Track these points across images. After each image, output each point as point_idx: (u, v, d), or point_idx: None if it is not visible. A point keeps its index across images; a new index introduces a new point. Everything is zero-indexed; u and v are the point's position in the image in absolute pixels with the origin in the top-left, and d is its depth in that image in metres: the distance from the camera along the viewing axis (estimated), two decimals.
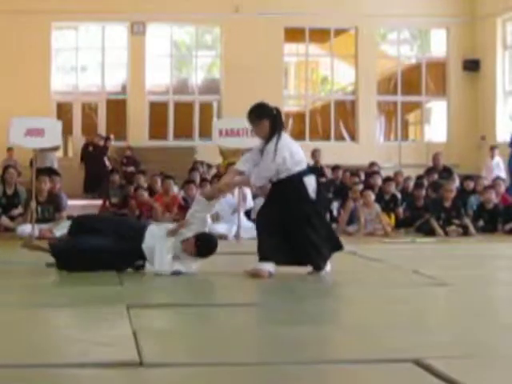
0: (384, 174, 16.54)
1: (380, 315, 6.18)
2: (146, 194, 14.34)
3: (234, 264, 8.23)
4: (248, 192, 13.20)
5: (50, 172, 15.20)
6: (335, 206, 14.41)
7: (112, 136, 22.38)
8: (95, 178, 20.82)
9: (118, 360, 4.62)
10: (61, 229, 12.24)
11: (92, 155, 21.81)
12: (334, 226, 13.59)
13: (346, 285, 7.77)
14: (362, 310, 6.45)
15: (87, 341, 5.12)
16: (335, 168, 16.83)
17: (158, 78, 24.11)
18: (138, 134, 21.99)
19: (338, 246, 8.24)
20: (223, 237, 12.26)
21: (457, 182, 15.27)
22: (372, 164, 17.28)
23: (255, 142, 13.47)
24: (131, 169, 20.65)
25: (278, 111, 8.14)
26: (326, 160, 17.77)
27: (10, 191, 13.62)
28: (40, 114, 16.83)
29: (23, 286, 7.58)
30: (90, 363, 4.56)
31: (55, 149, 18.67)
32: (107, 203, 16.18)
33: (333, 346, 5.05)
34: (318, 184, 8.11)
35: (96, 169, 21.24)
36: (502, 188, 15.09)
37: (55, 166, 19.00)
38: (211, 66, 24.85)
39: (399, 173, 16.33)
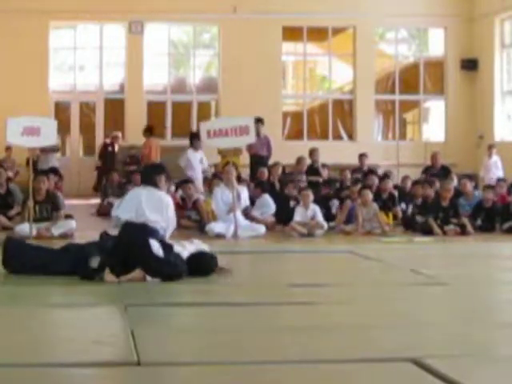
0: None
1: (378, 314, 6.18)
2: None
3: (232, 263, 8.22)
4: (243, 191, 13.15)
5: (53, 172, 15.18)
6: (335, 204, 14.36)
7: (119, 135, 22.07)
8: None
9: (116, 359, 4.62)
10: (58, 228, 12.26)
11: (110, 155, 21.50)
12: (332, 224, 13.62)
13: (343, 284, 7.77)
14: (360, 309, 6.45)
15: (85, 340, 5.12)
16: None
17: (156, 77, 24.07)
18: (135, 134, 21.89)
19: None
20: (221, 236, 12.23)
21: (455, 182, 15.20)
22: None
23: (244, 140, 13.54)
24: (134, 168, 20.52)
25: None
26: (324, 159, 17.71)
27: (2, 190, 13.61)
28: (38, 113, 16.73)
29: (20, 284, 7.57)
30: (87, 362, 4.56)
31: (55, 150, 18.68)
32: (105, 202, 16.19)
33: (331, 346, 5.05)
34: None
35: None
36: (504, 190, 14.96)
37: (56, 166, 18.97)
38: (209, 65, 24.80)
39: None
